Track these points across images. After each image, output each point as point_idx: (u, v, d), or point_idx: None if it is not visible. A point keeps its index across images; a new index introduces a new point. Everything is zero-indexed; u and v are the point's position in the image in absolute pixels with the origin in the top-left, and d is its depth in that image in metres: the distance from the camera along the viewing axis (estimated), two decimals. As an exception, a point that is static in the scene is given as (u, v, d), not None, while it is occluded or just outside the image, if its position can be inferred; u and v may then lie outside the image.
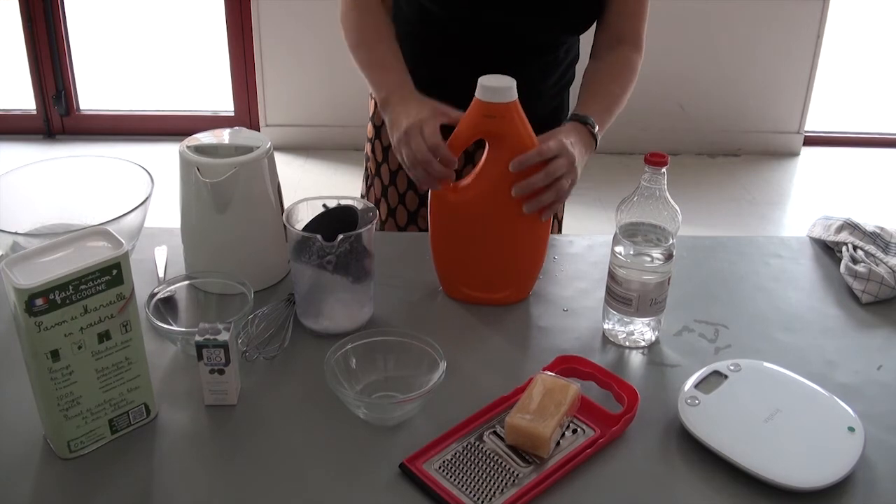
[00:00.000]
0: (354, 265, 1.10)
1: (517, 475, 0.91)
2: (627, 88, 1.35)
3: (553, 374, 1.01)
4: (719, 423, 0.96)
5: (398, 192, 1.50)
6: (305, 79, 3.70)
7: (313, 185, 3.50)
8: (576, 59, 1.46)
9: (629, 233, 1.09)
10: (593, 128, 1.25)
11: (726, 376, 1.03)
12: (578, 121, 1.25)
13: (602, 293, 1.16)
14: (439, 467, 0.92)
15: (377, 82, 1.30)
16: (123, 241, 0.90)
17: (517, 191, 1.12)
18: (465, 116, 1.14)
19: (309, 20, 3.54)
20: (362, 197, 1.58)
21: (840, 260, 1.33)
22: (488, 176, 1.15)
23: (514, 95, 1.10)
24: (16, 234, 1.12)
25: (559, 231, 1.55)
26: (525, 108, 1.12)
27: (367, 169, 1.56)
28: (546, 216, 1.16)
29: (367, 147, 1.55)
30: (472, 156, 1.34)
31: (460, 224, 1.19)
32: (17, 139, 3.84)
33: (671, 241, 1.09)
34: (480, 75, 1.11)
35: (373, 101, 1.52)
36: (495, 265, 1.20)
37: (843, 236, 1.35)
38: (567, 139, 1.16)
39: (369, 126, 1.53)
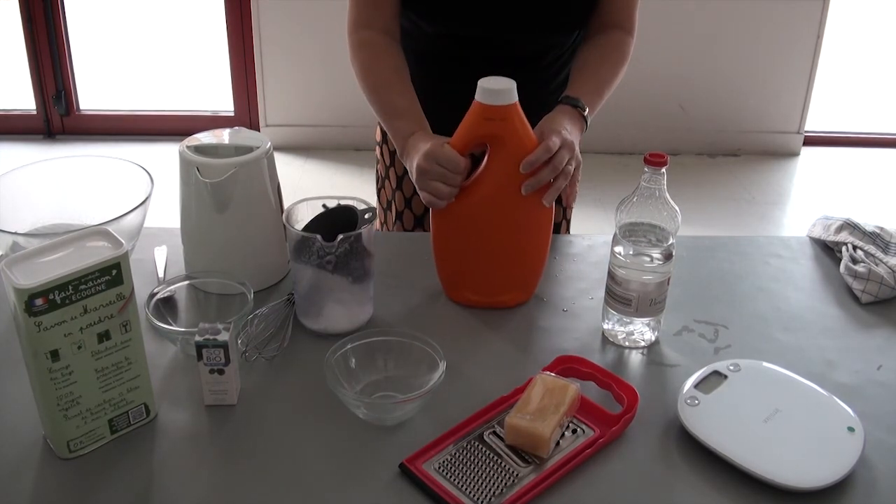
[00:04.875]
0: (354, 265, 1.10)
1: (517, 475, 0.91)
2: (618, 71, 1.35)
3: (553, 375, 1.00)
4: (719, 423, 0.96)
5: (405, 196, 1.50)
6: (305, 79, 3.70)
7: (313, 185, 3.50)
8: None
9: (629, 233, 1.09)
10: (584, 110, 1.26)
11: (726, 376, 1.03)
12: (569, 104, 1.25)
13: (602, 293, 1.16)
14: (439, 467, 0.92)
15: (393, 130, 1.28)
16: (123, 241, 0.90)
17: (527, 188, 1.12)
18: (465, 119, 1.13)
19: (309, 20, 3.54)
20: (378, 199, 1.58)
21: (840, 260, 1.33)
22: (490, 179, 1.14)
23: (515, 97, 1.10)
24: (16, 234, 1.12)
25: (567, 231, 1.55)
26: (529, 117, 1.12)
27: (377, 171, 1.56)
28: (550, 199, 1.16)
29: (377, 150, 1.55)
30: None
31: (463, 229, 1.18)
32: (17, 139, 3.85)
33: (671, 241, 1.09)
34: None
35: None
36: (500, 268, 1.19)
37: (843, 236, 1.35)
38: (563, 129, 1.17)
39: (377, 129, 1.53)
